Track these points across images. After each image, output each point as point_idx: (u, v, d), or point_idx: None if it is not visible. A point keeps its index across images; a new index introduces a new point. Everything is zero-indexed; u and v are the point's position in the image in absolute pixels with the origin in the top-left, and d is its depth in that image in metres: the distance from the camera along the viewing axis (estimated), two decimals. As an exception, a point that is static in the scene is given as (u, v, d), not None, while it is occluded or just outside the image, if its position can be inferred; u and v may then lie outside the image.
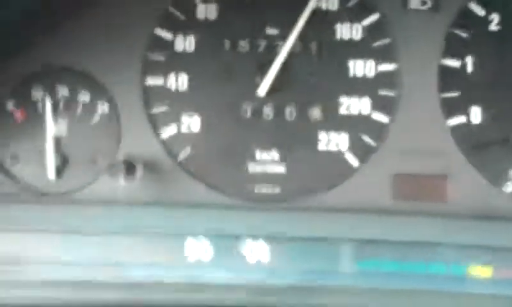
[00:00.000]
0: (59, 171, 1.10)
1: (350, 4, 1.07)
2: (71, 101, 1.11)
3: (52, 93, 1.11)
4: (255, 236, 1.02)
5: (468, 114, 1.04)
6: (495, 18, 1.04)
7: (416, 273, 0.98)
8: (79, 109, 1.12)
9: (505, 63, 1.03)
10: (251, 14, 1.08)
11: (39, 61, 1.11)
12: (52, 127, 1.10)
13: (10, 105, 1.12)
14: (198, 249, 1.02)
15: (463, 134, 1.04)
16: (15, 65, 1.10)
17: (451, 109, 1.04)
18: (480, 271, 0.97)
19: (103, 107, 1.11)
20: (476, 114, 1.04)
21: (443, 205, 1.02)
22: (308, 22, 1.06)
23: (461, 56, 1.04)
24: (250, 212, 1.05)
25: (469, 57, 1.04)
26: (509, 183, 1.03)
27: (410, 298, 0.98)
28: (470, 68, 1.04)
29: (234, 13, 1.09)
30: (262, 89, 1.06)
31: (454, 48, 1.04)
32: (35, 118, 1.11)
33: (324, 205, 1.04)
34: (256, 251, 1.02)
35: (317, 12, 1.06)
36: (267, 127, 1.08)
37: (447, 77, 1.04)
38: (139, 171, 1.05)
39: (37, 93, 1.12)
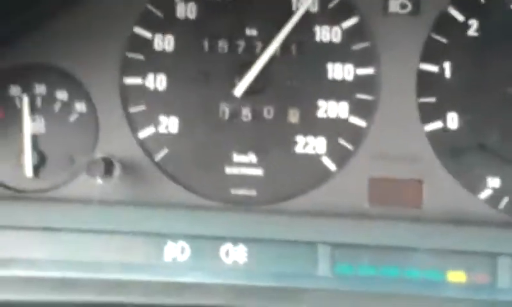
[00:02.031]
0: (37, 169, 1.10)
1: (330, 6, 1.07)
2: (49, 99, 1.10)
3: (30, 91, 1.10)
4: (231, 239, 1.01)
5: (445, 120, 1.04)
6: (474, 23, 1.04)
7: (392, 277, 0.98)
8: (57, 107, 1.11)
9: (483, 69, 1.03)
10: (230, 14, 1.08)
11: (16, 58, 1.10)
12: (30, 125, 1.09)
13: (-13, 103, 1.11)
14: (175, 250, 1.02)
15: (439, 140, 1.04)
16: (-8, 62, 1.09)
17: (428, 114, 1.04)
18: (455, 276, 0.97)
19: (81, 106, 1.10)
20: (453, 120, 1.04)
21: (418, 210, 1.02)
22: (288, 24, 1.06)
23: (439, 61, 1.04)
24: (227, 214, 1.05)
25: (447, 63, 1.04)
26: (484, 189, 1.03)
27: (386, 302, 0.98)
28: (448, 74, 1.04)
29: (213, 13, 1.08)
30: (239, 90, 1.05)
31: (432, 53, 1.04)
32: (13, 116, 1.09)
33: (300, 208, 1.04)
34: (233, 253, 1.01)
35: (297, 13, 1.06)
36: (245, 129, 1.07)
37: (425, 82, 1.04)
38: (117, 170, 1.05)
39: (14, 91, 1.11)
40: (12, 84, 1.10)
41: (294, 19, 1.05)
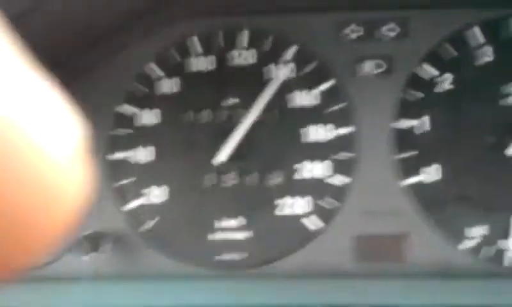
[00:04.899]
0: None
1: (306, 71, 1.10)
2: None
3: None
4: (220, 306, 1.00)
5: (425, 173, 1.04)
6: (448, 77, 1.06)
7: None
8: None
9: (461, 121, 1.04)
10: (212, 86, 1.12)
11: None
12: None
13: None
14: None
15: (419, 193, 1.03)
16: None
17: (407, 168, 1.04)
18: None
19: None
20: (432, 173, 1.04)
21: (403, 265, 1.01)
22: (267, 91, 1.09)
23: (415, 116, 1.05)
24: (216, 281, 1.04)
25: (424, 117, 1.05)
26: (465, 240, 1.01)
27: None
28: (425, 127, 1.05)
29: (196, 85, 1.12)
30: (221, 156, 1.07)
31: (408, 109, 1.06)
32: None
33: (287, 270, 1.03)
34: (223, 320, 0.99)
35: (275, 81, 1.10)
36: (229, 195, 1.08)
37: (403, 138, 1.05)
38: (105, 245, 1.05)
39: None
40: None
41: (270, 88, 1.08)
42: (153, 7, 1.11)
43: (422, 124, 1.05)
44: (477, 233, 1.01)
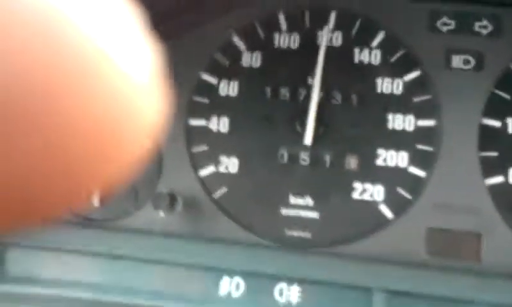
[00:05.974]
0: (103, 199, 1.16)
1: (392, 59, 1.10)
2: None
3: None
4: (286, 278, 1.02)
5: (506, 174, 1.03)
6: (538, 81, 1.04)
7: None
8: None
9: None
10: (293, 64, 1.13)
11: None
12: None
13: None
14: (230, 285, 1.04)
15: (500, 194, 1.02)
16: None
17: (489, 168, 1.03)
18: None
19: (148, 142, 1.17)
20: None
21: (477, 263, 1.00)
22: (350, 75, 1.10)
23: (501, 116, 1.04)
24: (283, 254, 1.06)
25: (510, 118, 1.04)
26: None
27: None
28: (510, 129, 1.04)
29: (277, 62, 1.14)
30: (307, 138, 1.08)
31: (495, 108, 1.04)
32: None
33: (356, 253, 1.04)
34: (287, 293, 1.02)
35: (358, 65, 1.10)
36: (303, 173, 1.10)
37: (487, 137, 1.04)
38: (179, 205, 1.09)
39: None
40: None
41: (320, 60, 1.07)
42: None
43: (506, 125, 1.04)
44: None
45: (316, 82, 1.08)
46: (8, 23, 0.19)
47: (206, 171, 1.14)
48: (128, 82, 0.22)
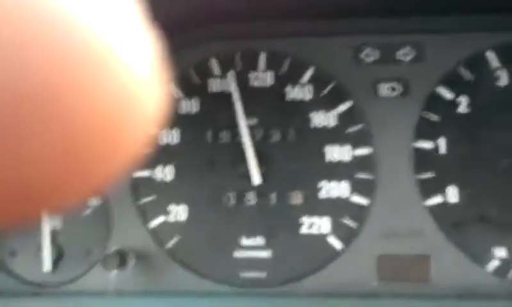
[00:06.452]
0: (55, 263, 1.14)
1: (323, 93, 1.13)
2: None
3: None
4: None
5: (444, 194, 1.06)
6: (463, 101, 1.09)
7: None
8: (72, 203, 1.17)
9: (477, 144, 1.07)
10: (229, 107, 1.14)
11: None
12: (48, 221, 1.15)
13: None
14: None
15: (441, 214, 1.06)
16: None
17: (428, 189, 1.07)
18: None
19: (95, 200, 1.16)
20: (452, 194, 1.06)
21: (427, 285, 1.03)
22: (285, 112, 1.12)
23: (433, 138, 1.08)
24: (238, 299, 1.07)
25: (441, 139, 1.08)
26: (491, 260, 1.04)
27: None
28: (443, 150, 1.08)
29: (215, 106, 1.15)
30: (256, 178, 1.10)
31: (425, 130, 1.08)
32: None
33: (310, 289, 1.06)
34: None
35: (292, 102, 1.13)
36: (251, 214, 1.11)
37: (421, 159, 1.08)
38: (131, 261, 1.09)
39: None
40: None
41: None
42: (172, 30, 1.14)
43: (439, 146, 1.08)
44: (503, 253, 1.03)
45: (241, 122, 1.11)
46: (19, 19, 0.20)
47: (156, 221, 1.14)
48: (132, 73, 0.23)
